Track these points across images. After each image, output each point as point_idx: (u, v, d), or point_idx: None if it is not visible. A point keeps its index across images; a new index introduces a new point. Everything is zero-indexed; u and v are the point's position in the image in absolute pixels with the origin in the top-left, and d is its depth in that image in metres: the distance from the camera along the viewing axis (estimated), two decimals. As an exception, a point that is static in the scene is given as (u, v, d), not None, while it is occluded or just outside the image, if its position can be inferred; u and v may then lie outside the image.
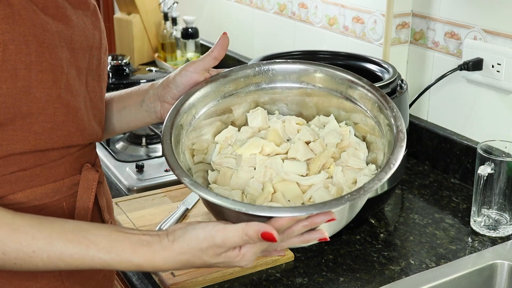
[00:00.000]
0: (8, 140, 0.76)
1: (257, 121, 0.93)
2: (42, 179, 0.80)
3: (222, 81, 0.94)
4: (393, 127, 0.83)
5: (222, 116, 0.94)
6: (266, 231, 0.73)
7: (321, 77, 0.94)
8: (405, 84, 1.25)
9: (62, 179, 0.83)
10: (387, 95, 0.88)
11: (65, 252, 0.74)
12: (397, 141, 0.81)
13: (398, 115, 0.84)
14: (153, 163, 1.49)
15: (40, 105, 0.76)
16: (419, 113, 1.53)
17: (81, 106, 0.83)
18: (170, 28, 2.26)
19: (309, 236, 0.79)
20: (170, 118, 0.86)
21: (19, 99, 0.74)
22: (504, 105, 1.32)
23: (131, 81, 1.80)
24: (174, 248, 0.76)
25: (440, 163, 1.46)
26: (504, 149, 1.19)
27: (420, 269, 1.08)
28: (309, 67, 0.94)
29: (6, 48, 0.72)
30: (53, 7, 0.78)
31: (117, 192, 1.38)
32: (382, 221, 1.25)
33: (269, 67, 0.95)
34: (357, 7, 1.61)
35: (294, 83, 0.95)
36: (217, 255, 0.76)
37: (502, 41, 1.29)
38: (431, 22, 1.46)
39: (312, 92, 0.94)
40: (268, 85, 0.95)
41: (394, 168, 0.78)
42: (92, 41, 0.86)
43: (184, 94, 0.90)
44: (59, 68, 0.78)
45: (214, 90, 0.92)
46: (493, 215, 1.19)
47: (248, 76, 0.94)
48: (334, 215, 0.76)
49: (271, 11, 1.97)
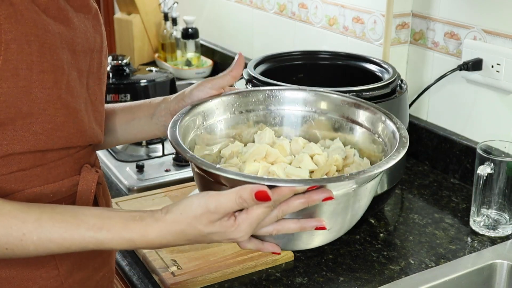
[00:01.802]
0: (8, 139, 0.76)
1: (265, 139, 0.95)
2: (41, 180, 0.80)
3: (234, 98, 0.97)
4: (397, 135, 0.85)
5: (229, 131, 0.96)
6: (260, 189, 0.71)
7: (327, 103, 0.97)
8: (404, 84, 1.26)
9: (62, 180, 0.82)
10: (391, 114, 0.91)
11: (54, 233, 0.73)
12: (399, 142, 0.83)
13: (402, 127, 0.86)
14: (154, 163, 1.49)
15: (40, 105, 0.76)
16: (419, 113, 1.53)
17: (82, 107, 0.83)
18: (170, 28, 2.26)
19: (306, 222, 0.78)
20: (179, 116, 0.88)
21: (20, 99, 0.74)
22: (504, 105, 1.32)
23: (131, 81, 1.80)
24: (167, 218, 0.74)
25: (440, 163, 1.46)
26: (504, 149, 1.19)
27: (420, 269, 1.09)
28: (316, 93, 0.98)
29: (8, 47, 0.72)
30: (55, 9, 0.78)
31: (118, 192, 1.38)
32: (382, 221, 1.26)
33: (279, 92, 0.98)
34: (357, 7, 1.61)
35: (301, 107, 0.98)
36: (212, 223, 0.74)
37: (501, 41, 1.30)
38: (431, 22, 1.46)
39: (318, 116, 0.97)
40: (276, 108, 0.98)
41: (396, 160, 0.79)
42: (93, 44, 0.86)
43: (196, 102, 0.92)
44: (60, 69, 0.78)
45: (226, 105, 0.95)
46: (492, 215, 1.19)
47: (258, 99, 0.98)
48: (332, 194, 0.75)
49: (271, 11, 1.97)
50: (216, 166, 0.76)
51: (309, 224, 0.78)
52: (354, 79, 1.27)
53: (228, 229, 0.75)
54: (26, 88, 0.74)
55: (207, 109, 0.94)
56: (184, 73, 2.20)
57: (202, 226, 0.74)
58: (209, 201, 0.73)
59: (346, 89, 1.12)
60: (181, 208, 0.75)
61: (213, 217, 0.73)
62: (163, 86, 1.85)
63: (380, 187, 1.18)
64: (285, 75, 1.31)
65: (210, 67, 2.25)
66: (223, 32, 2.27)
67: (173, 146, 0.82)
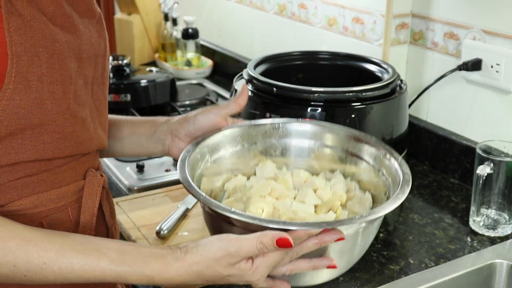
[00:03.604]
0: (16, 148, 0.75)
1: (267, 172, 0.96)
2: (47, 185, 0.80)
3: (238, 130, 0.98)
4: (399, 172, 0.87)
5: (233, 164, 0.98)
6: (281, 237, 0.73)
7: (329, 136, 0.99)
8: (404, 84, 1.26)
9: (67, 185, 0.83)
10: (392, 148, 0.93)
11: (76, 264, 0.73)
12: (403, 179, 0.86)
13: (403, 163, 0.89)
14: (154, 163, 1.49)
15: (51, 116, 0.76)
16: (419, 113, 1.54)
17: (88, 115, 0.83)
18: (171, 29, 2.27)
19: (318, 262, 0.81)
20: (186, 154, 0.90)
21: (31, 111, 0.74)
22: (503, 105, 1.32)
23: (131, 81, 1.80)
24: (187, 259, 0.75)
25: (440, 163, 1.46)
26: (503, 149, 1.19)
27: (420, 269, 1.09)
28: (318, 126, 0.99)
29: (19, 59, 0.72)
30: (62, 17, 0.78)
31: (118, 192, 1.38)
32: (382, 221, 1.26)
33: (282, 125, 1.00)
34: (357, 8, 1.62)
35: (303, 140, 1.00)
36: (231, 266, 0.75)
37: (501, 41, 1.30)
38: (430, 23, 1.46)
39: (320, 150, 0.99)
40: (278, 141, 1.00)
41: (402, 199, 0.82)
42: (97, 49, 0.86)
43: (201, 137, 0.94)
44: (68, 79, 0.78)
45: (229, 138, 0.97)
46: (492, 214, 1.19)
47: (261, 132, 0.99)
48: (343, 234, 0.78)
49: (271, 11, 1.97)
50: (231, 210, 0.78)
51: (321, 263, 0.81)
52: (354, 79, 1.27)
53: (246, 272, 0.76)
54: (38, 100, 0.74)
55: (212, 143, 0.95)
56: (184, 73, 2.20)
57: (221, 268, 0.76)
58: (230, 244, 0.75)
59: (346, 89, 1.12)
60: (200, 250, 0.76)
61: (233, 260, 0.75)
62: (163, 86, 1.85)
63: (380, 187, 1.18)
64: (285, 75, 1.32)
65: (210, 67, 2.25)
66: (223, 32, 2.27)
67: (185, 187, 0.83)
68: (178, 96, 1.94)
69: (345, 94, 1.12)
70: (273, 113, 1.13)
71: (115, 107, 1.78)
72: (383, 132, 1.16)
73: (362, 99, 1.13)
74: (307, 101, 1.12)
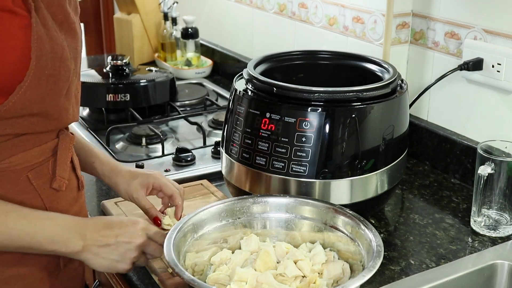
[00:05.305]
0: (11, 125, 0.88)
1: (251, 246, 1.01)
2: (30, 144, 0.93)
3: (222, 206, 1.04)
4: (373, 243, 0.92)
5: (217, 238, 1.03)
6: None
7: (308, 209, 1.05)
8: (405, 84, 1.25)
9: (46, 143, 0.96)
10: (366, 221, 0.98)
11: None
12: (376, 252, 0.90)
13: (376, 234, 0.94)
14: (153, 163, 1.49)
15: (48, 109, 0.91)
16: (419, 113, 1.53)
17: (73, 104, 0.98)
18: (170, 28, 2.26)
19: None
20: (172, 233, 0.95)
21: (34, 104, 0.88)
22: (504, 105, 1.32)
23: (131, 81, 1.79)
24: None
25: (440, 163, 1.46)
26: (504, 149, 1.19)
27: (420, 269, 1.08)
28: (298, 200, 1.06)
29: (38, 62, 0.86)
30: (66, 23, 0.92)
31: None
32: (382, 221, 1.25)
33: (262, 199, 1.06)
34: (357, 7, 1.61)
35: (284, 213, 1.06)
36: None
37: (502, 41, 1.29)
38: (431, 22, 1.46)
39: (300, 222, 1.05)
40: (260, 215, 1.06)
41: (373, 272, 0.86)
42: (81, 44, 0.98)
43: (187, 215, 1.01)
44: (67, 78, 0.92)
45: (213, 215, 1.03)
46: (493, 215, 1.19)
47: (243, 207, 1.05)
48: None
49: (271, 11, 1.97)
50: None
51: None
52: (354, 79, 1.27)
53: None
54: (43, 96, 0.89)
55: (196, 221, 1.00)
56: (184, 73, 2.20)
57: None
58: None
59: (346, 89, 1.12)
60: None
61: None
62: (163, 86, 1.85)
63: (381, 187, 1.18)
64: (285, 75, 1.31)
65: (210, 67, 2.24)
66: (223, 32, 2.27)
67: (170, 267, 0.90)
68: (177, 96, 1.93)
69: (346, 94, 1.12)
70: (273, 113, 1.13)
71: (115, 107, 1.77)
72: (383, 132, 1.15)
73: (362, 99, 1.12)
74: (307, 101, 1.12)
